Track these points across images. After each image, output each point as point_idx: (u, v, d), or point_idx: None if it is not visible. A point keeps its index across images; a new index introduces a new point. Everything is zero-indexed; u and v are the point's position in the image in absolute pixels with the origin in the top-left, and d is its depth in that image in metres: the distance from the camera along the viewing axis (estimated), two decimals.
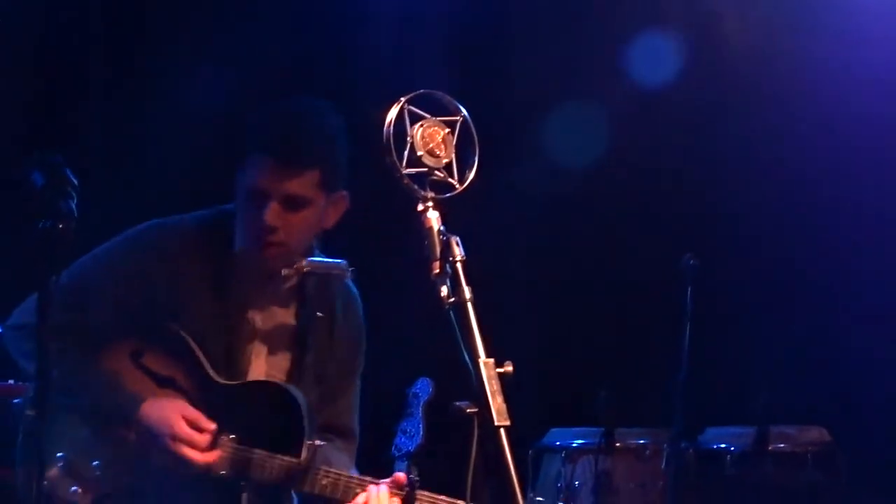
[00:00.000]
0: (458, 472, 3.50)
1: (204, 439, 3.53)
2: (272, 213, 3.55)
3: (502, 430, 2.88)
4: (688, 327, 5.37)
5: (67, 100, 6.55)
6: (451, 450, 3.53)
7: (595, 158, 6.69)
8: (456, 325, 2.94)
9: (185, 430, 3.52)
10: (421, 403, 5.83)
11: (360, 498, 3.58)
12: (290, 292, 3.72)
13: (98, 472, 3.53)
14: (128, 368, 3.58)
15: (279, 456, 3.56)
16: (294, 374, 3.71)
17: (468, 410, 2.93)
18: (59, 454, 3.53)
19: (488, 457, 2.95)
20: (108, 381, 3.56)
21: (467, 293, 2.97)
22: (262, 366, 3.70)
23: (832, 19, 6.54)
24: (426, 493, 3.50)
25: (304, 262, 3.62)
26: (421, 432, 5.77)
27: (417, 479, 3.23)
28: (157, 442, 3.52)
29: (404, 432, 5.75)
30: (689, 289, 5.40)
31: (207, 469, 3.53)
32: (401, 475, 3.58)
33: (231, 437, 3.57)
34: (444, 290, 2.98)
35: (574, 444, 5.94)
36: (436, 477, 3.68)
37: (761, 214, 6.59)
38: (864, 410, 6.17)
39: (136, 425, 3.52)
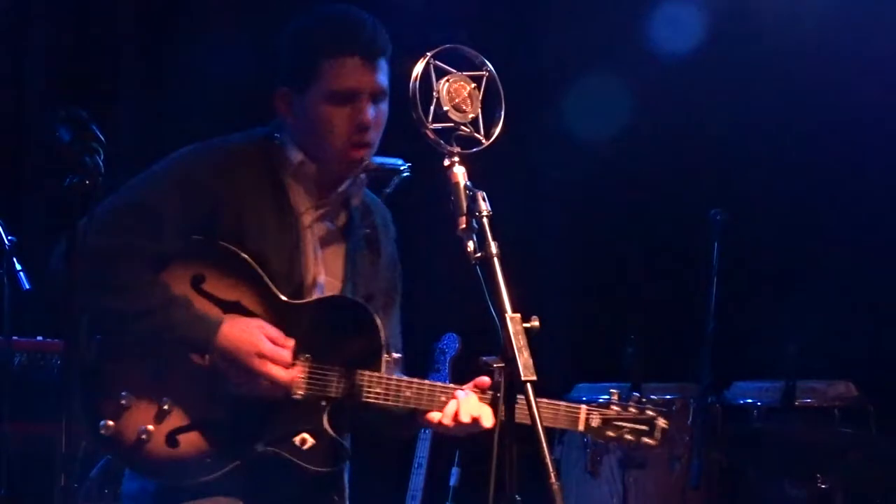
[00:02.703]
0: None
1: (287, 356, 3.45)
2: (369, 110, 3.53)
3: (529, 385, 2.90)
4: (715, 282, 5.35)
5: (97, 57, 6.56)
6: None
7: (625, 117, 6.67)
8: (483, 280, 2.95)
9: (268, 346, 3.43)
10: (448, 359, 5.88)
11: (451, 405, 3.51)
12: (339, 207, 3.66)
13: (167, 407, 3.44)
14: (190, 295, 3.48)
15: (358, 371, 3.49)
16: (346, 291, 3.65)
17: (495, 365, 2.94)
18: (122, 393, 3.43)
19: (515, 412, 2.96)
20: (183, 303, 3.44)
21: (494, 248, 2.98)
22: (321, 281, 3.62)
23: None
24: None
25: (371, 162, 3.58)
26: None
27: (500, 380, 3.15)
28: (239, 362, 3.41)
29: None
30: (717, 243, 5.38)
31: (290, 386, 3.45)
32: (484, 379, 3.51)
33: (306, 356, 3.49)
34: (471, 245, 2.99)
35: (601, 400, 5.94)
36: None
37: (788, 169, 6.56)
38: (894, 363, 6.16)
39: (215, 348, 3.41)
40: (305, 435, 3.48)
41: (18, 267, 4.85)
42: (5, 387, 4.86)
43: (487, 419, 3.47)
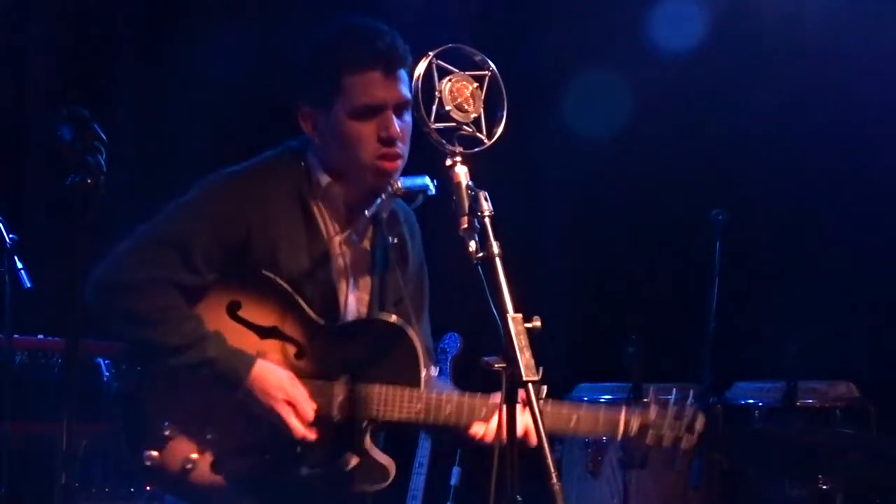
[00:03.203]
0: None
1: (311, 414, 3.45)
2: (394, 123, 3.51)
3: (530, 385, 2.89)
4: (716, 282, 5.35)
5: (97, 57, 6.56)
6: None
7: (626, 117, 6.66)
8: (484, 280, 2.94)
9: (299, 396, 3.44)
10: (449, 358, 5.88)
11: (496, 422, 3.48)
12: (366, 220, 3.64)
13: (211, 436, 3.45)
14: (226, 324, 3.47)
15: (398, 390, 3.48)
16: (375, 302, 3.64)
17: (497, 365, 2.94)
18: (165, 423, 3.44)
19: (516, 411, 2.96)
20: (216, 339, 3.44)
21: (496, 248, 2.98)
22: (352, 299, 3.62)
23: None
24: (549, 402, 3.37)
25: (399, 184, 3.54)
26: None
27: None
28: (265, 404, 3.42)
29: None
30: (718, 243, 5.37)
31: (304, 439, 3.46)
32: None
33: (345, 378, 3.49)
34: (473, 245, 2.99)
35: (602, 399, 5.93)
36: None
37: (789, 169, 6.55)
38: (895, 364, 6.16)
39: (246, 385, 3.42)
40: (348, 455, 3.48)
41: (20, 265, 4.84)
42: (6, 385, 4.86)
43: (533, 436, 3.35)
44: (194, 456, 3.44)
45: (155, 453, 3.43)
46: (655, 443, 3.73)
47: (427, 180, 3.53)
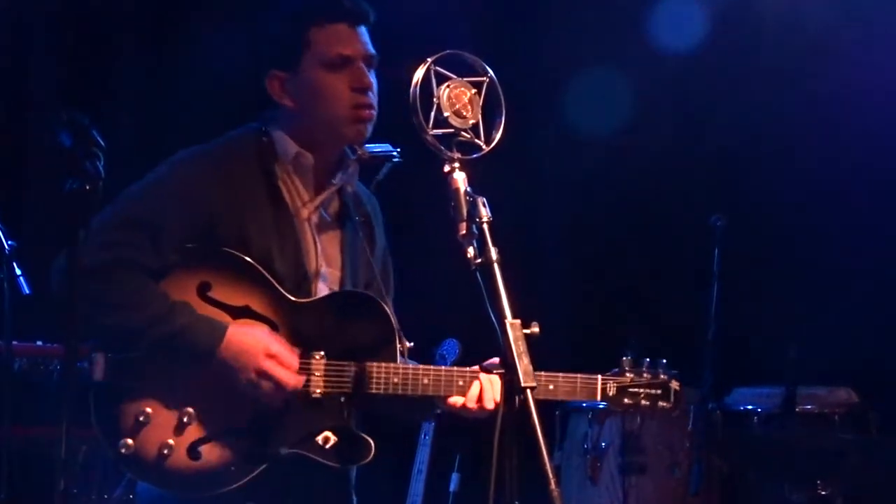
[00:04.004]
0: (487, 434, 3.53)
1: (295, 361, 3.41)
2: (367, 74, 3.51)
3: (529, 391, 2.90)
4: (715, 288, 5.35)
5: (99, 57, 6.56)
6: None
7: (626, 121, 6.67)
8: (483, 286, 2.94)
9: (278, 347, 3.39)
10: (448, 364, 5.87)
11: (475, 389, 3.48)
12: (333, 196, 3.62)
13: (187, 420, 3.39)
14: (197, 304, 3.40)
15: (375, 364, 3.46)
16: (346, 280, 3.62)
17: (495, 371, 2.94)
18: (139, 409, 3.38)
19: (516, 417, 2.96)
20: (185, 307, 3.37)
21: (494, 254, 2.98)
22: (324, 274, 3.59)
23: None
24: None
25: (364, 150, 3.54)
26: None
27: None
28: (247, 362, 3.37)
29: None
30: (717, 249, 5.38)
31: (295, 390, 3.40)
32: (495, 360, 3.41)
33: (321, 354, 3.46)
34: (471, 251, 2.99)
35: (601, 405, 5.93)
36: (465, 437, 3.68)
37: (789, 174, 6.56)
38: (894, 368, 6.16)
39: (222, 349, 3.36)
40: (328, 433, 3.45)
41: (18, 272, 4.84)
42: (5, 391, 4.86)
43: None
44: (170, 441, 3.39)
45: (130, 441, 3.38)
46: (633, 404, 3.72)
47: (391, 147, 3.56)
